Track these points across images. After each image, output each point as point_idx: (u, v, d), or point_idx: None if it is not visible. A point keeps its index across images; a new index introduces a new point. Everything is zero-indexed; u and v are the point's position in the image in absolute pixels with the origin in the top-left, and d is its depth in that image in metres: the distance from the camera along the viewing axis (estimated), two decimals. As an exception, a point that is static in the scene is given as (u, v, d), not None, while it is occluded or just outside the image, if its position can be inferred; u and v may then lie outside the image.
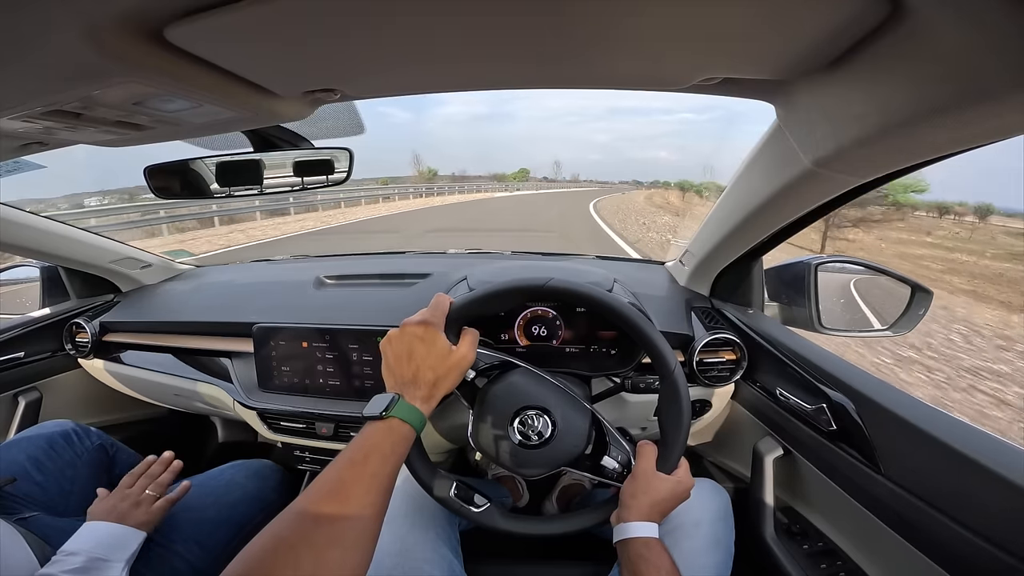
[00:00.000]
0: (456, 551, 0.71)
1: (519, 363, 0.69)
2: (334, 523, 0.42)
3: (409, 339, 0.56)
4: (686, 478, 0.63)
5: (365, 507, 0.45)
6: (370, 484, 0.46)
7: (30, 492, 0.82)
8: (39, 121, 0.46)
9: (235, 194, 0.79)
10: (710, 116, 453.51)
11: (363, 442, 0.49)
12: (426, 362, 0.55)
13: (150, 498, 0.77)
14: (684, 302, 0.99)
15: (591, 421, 0.67)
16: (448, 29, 0.36)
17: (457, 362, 0.57)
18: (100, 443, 0.97)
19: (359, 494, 0.45)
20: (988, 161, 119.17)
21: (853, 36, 0.35)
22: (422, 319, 0.57)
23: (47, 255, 1.10)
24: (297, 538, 0.41)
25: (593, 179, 71.36)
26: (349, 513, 0.44)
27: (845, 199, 0.62)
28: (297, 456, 1.04)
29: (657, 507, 0.60)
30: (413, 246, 2.68)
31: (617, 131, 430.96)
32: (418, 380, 0.55)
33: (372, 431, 0.50)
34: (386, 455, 0.49)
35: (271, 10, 0.31)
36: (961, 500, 0.51)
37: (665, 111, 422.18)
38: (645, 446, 0.65)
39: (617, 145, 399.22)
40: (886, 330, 0.88)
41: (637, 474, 0.62)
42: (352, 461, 0.48)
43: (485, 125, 22.20)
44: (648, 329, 0.65)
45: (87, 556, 0.64)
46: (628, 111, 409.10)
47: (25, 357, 1.12)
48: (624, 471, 0.64)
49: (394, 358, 0.56)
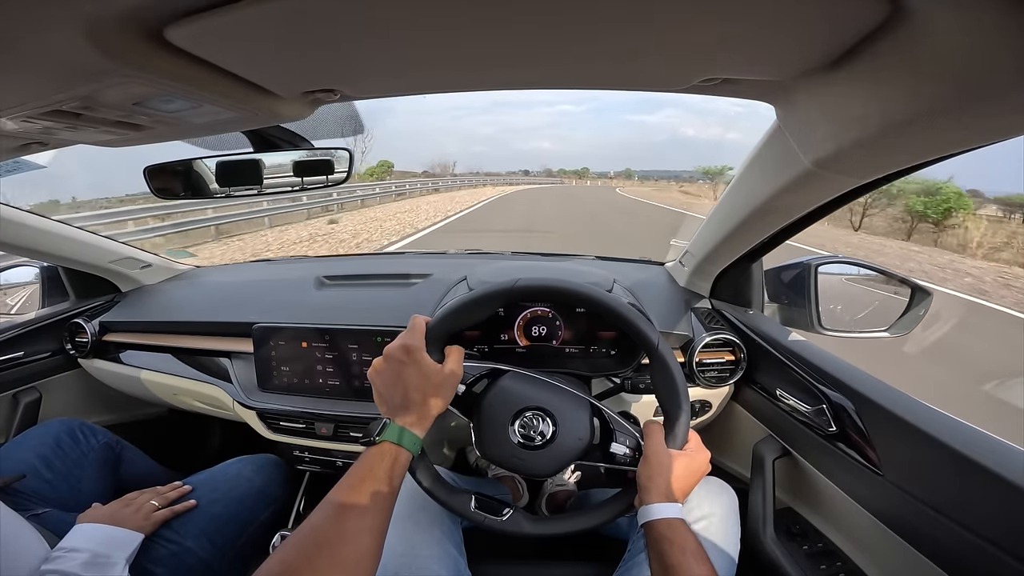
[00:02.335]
0: (460, 549, 0.71)
1: (507, 368, 0.69)
2: (334, 547, 0.45)
3: (394, 365, 0.58)
4: (699, 452, 0.62)
5: (363, 531, 0.47)
6: (366, 508, 0.49)
7: (40, 489, 0.82)
8: (39, 121, 0.46)
9: (234, 194, 0.79)
10: (586, 108, 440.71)
11: (358, 468, 0.52)
12: (412, 384, 0.57)
13: (151, 507, 0.77)
14: (684, 303, 0.99)
15: (591, 411, 0.67)
16: (448, 31, 0.36)
17: (445, 380, 0.59)
18: (106, 441, 0.97)
19: (356, 518, 0.48)
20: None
21: (853, 36, 0.35)
22: (402, 343, 0.59)
23: (47, 255, 1.10)
24: (301, 563, 0.44)
25: (479, 170, 70.08)
26: (348, 537, 0.46)
27: (845, 199, 0.62)
28: (297, 456, 1.04)
29: (678, 484, 0.59)
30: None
31: (502, 123, 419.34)
32: (408, 403, 0.56)
33: (367, 456, 0.53)
34: (380, 479, 0.51)
35: (271, 10, 0.31)
36: (961, 500, 0.51)
37: (547, 103, 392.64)
38: (650, 425, 0.64)
39: (502, 137, 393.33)
40: (886, 331, 0.88)
41: (648, 455, 0.61)
42: (349, 487, 0.50)
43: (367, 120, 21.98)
44: (624, 310, 0.64)
45: (91, 552, 0.64)
46: (512, 104, 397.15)
47: (25, 357, 1.12)
48: (636, 454, 0.63)
49: (383, 386, 0.58)
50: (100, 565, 0.64)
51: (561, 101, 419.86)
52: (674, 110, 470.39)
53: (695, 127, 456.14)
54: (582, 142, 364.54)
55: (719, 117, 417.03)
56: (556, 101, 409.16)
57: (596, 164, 75.87)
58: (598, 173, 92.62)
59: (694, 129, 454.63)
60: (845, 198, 0.61)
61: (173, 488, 0.84)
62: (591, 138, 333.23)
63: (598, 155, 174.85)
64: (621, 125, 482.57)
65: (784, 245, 0.82)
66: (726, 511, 0.71)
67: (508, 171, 77.78)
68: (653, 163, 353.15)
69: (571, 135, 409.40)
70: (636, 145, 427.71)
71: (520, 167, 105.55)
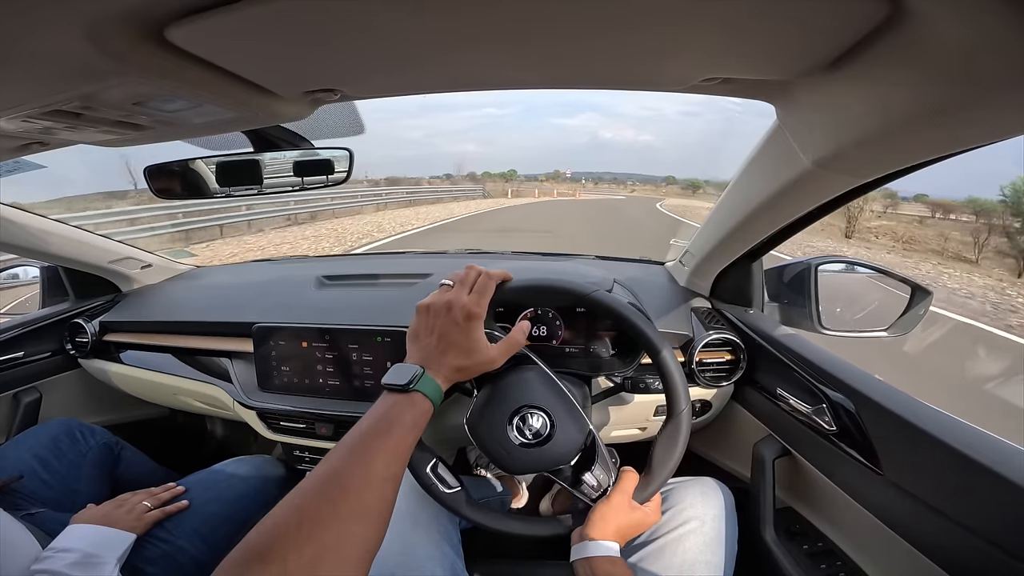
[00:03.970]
0: (457, 549, 0.71)
1: (537, 361, 0.69)
2: (360, 495, 0.41)
3: (447, 322, 0.55)
4: (654, 513, 0.66)
5: (387, 480, 0.44)
6: (392, 456, 0.45)
7: (36, 489, 0.82)
8: (39, 121, 0.46)
9: (234, 194, 0.80)
10: (509, 111, 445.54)
11: (386, 412, 0.48)
12: (458, 348, 0.55)
13: (143, 507, 0.78)
14: (684, 302, 0.99)
15: (587, 435, 0.67)
16: (448, 31, 0.36)
17: (486, 362, 0.57)
18: (104, 441, 0.97)
19: (383, 466, 0.43)
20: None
21: (853, 36, 0.35)
22: (465, 307, 0.56)
23: (47, 255, 1.10)
24: (326, 509, 0.39)
25: (406, 175, 68.82)
26: (375, 484, 0.42)
27: (845, 199, 0.62)
28: (297, 456, 1.04)
29: (622, 532, 0.62)
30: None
31: (430, 127, 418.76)
32: (444, 361, 0.54)
33: (394, 402, 0.49)
34: (408, 428, 0.48)
35: (271, 10, 0.31)
36: (961, 500, 0.51)
37: (471, 106, 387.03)
38: (627, 473, 0.66)
39: (431, 140, 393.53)
40: (886, 331, 0.88)
41: (612, 497, 0.63)
42: (376, 432, 0.46)
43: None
44: (673, 371, 0.66)
45: (81, 552, 0.64)
46: (440, 107, 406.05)
47: (25, 357, 1.12)
48: (600, 492, 0.65)
49: (425, 330, 0.56)
50: (90, 565, 0.63)
51: (485, 104, 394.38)
52: (593, 113, 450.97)
53: (612, 131, 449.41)
54: (504, 144, 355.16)
55: (632, 120, 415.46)
56: (480, 104, 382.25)
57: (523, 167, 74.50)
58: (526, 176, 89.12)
59: (611, 132, 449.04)
60: (845, 198, 0.61)
61: (166, 489, 0.85)
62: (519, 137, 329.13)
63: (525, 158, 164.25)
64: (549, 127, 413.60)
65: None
66: (721, 511, 0.71)
67: (431, 175, 75.48)
68: (581, 165, 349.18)
69: (495, 137, 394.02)
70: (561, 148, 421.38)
71: (444, 171, 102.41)
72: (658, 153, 24.29)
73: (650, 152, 66.94)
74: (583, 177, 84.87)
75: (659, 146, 22.18)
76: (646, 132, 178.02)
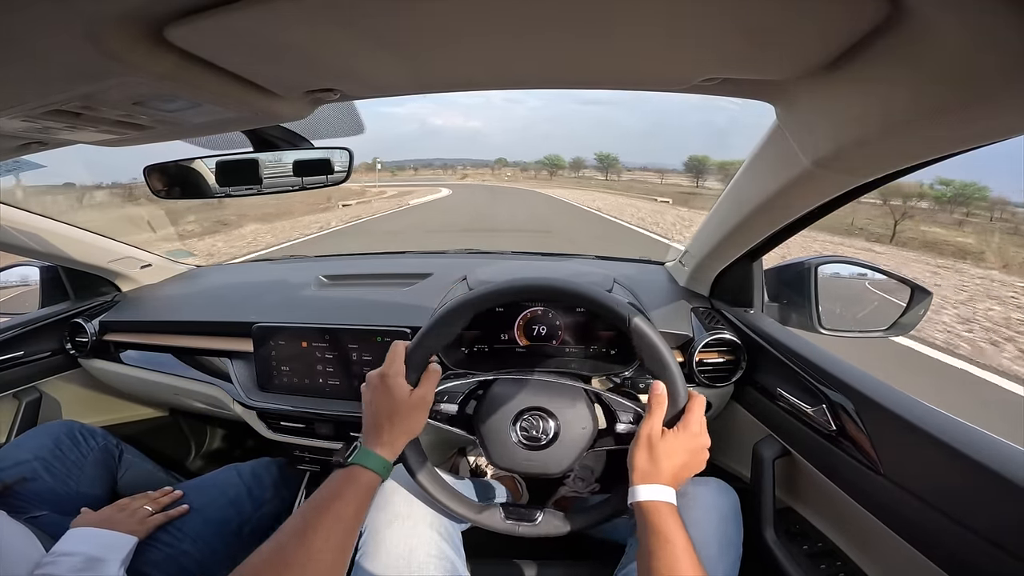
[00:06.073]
0: (458, 550, 0.71)
1: (492, 376, 0.69)
2: (301, 564, 0.47)
3: (370, 392, 0.61)
4: (701, 435, 0.60)
5: (327, 550, 0.49)
6: (332, 528, 0.50)
7: (39, 492, 0.82)
8: (39, 121, 0.46)
9: (233, 194, 0.80)
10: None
11: (326, 488, 0.54)
12: (382, 410, 0.59)
13: (145, 511, 0.78)
14: (684, 302, 0.99)
15: (588, 398, 0.66)
16: (448, 30, 0.36)
17: (416, 404, 0.61)
18: (105, 443, 0.98)
19: (322, 537, 0.49)
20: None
21: (853, 36, 0.35)
22: (379, 372, 0.61)
23: (47, 255, 1.10)
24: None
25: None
26: (313, 554, 0.48)
27: (845, 199, 0.62)
28: (296, 456, 1.04)
29: (666, 464, 0.57)
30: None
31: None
32: (378, 428, 0.59)
33: (335, 477, 0.55)
34: (347, 500, 0.53)
35: (271, 10, 0.31)
36: (961, 500, 0.51)
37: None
38: (649, 400, 0.61)
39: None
40: (886, 331, 0.88)
41: (639, 434, 0.59)
42: (316, 508, 0.52)
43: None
44: (589, 290, 0.64)
45: (85, 556, 0.64)
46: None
47: (25, 357, 1.12)
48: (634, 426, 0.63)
49: (366, 410, 0.61)
50: (94, 568, 0.63)
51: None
52: (424, 101, 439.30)
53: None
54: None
55: (461, 108, 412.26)
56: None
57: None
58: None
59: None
60: (845, 198, 0.61)
61: (165, 493, 0.85)
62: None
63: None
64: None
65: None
66: (726, 512, 0.71)
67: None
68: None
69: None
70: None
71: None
72: (488, 137, 23.69)
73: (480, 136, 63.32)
74: (411, 166, 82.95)
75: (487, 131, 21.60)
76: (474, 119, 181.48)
